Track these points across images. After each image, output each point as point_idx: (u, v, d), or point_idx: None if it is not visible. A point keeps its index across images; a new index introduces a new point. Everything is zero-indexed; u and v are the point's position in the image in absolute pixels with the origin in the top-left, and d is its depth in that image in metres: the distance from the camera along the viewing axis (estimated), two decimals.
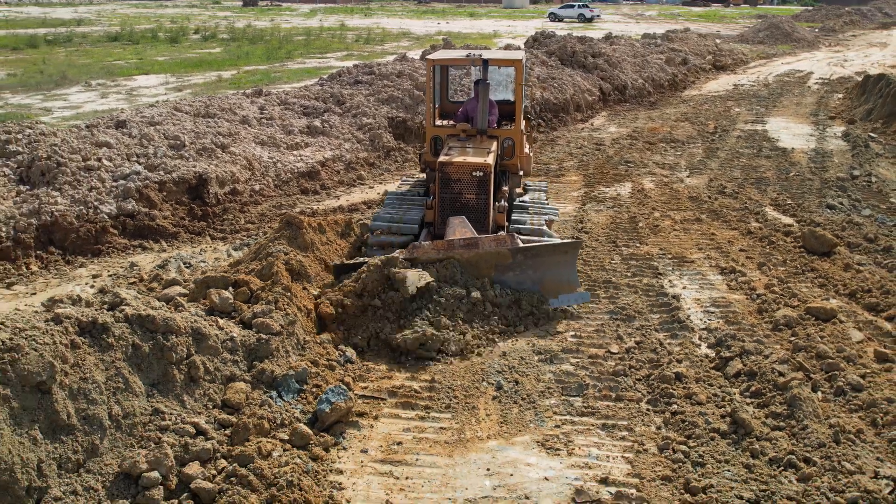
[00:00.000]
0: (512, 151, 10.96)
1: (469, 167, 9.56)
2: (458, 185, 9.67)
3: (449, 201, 9.73)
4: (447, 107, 12.55)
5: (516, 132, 10.96)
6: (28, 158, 11.66)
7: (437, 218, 9.84)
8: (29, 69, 31.32)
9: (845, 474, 5.86)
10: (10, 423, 5.09)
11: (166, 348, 6.06)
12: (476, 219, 9.59)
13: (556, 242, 9.08)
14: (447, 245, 8.63)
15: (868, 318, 8.82)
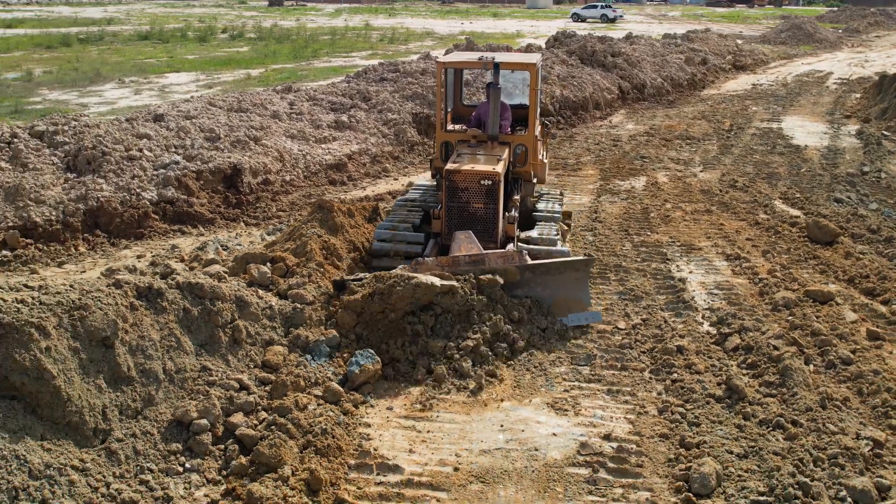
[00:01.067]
0: (525, 158, 10.60)
1: (477, 175, 9.17)
2: (466, 194, 9.28)
3: (456, 211, 9.37)
4: (461, 110, 12.24)
5: (529, 138, 10.60)
6: (75, 148, 12.42)
7: (445, 228, 9.50)
8: (64, 67, 32.25)
9: (829, 434, 6.41)
10: (80, 372, 5.79)
11: (213, 313, 6.76)
12: (484, 229, 9.30)
13: (567, 260, 8.81)
14: (452, 261, 8.32)
15: (864, 302, 9.36)
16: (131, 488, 5.55)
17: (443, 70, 10.53)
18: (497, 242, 9.42)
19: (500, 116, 10.38)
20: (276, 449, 5.82)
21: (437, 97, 10.78)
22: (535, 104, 10.69)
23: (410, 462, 6.08)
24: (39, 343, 5.53)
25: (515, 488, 5.84)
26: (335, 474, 5.80)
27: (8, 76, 29.45)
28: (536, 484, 5.89)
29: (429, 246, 9.48)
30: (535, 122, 10.76)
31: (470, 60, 10.59)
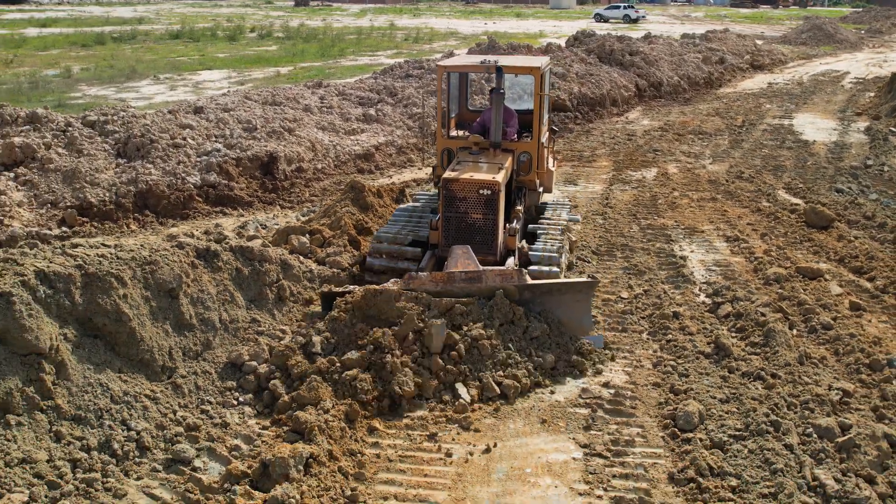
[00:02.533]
0: (529, 166, 10.18)
1: (476, 184, 8.74)
2: (464, 204, 8.83)
3: (454, 221, 8.91)
4: (466, 115, 11.87)
5: (533, 146, 10.14)
6: (124, 136, 13.46)
7: (442, 239, 9.02)
8: (100, 64, 33.47)
9: (803, 385, 7.26)
10: (150, 318, 6.77)
11: (261, 273, 7.73)
12: (483, 241, 8.88)
13: (570, 281, 8.49)
14: (447, 278, 7.90)
15: (851, 279, 10.17)
16: (194, 416, 6.52)
17: (445, 74, 10.14)
18: (496, 255, 8.97)
19: (506, 123, 10.10)
20: (314, 391, 6.74)
21: (437, 103, 10.43)
22: (541, 110, 10.11)
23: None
24: (118, 291, 6.52)
25: (524, 422, 6.74)
26: (366, 409, 6.73)
27: (48, 73, 30.68)
28: (541, 419, 6.79)
29: (425, 258, 9.09)
30: (540, 129, 10.18)
31: (472, 64, 10.18)
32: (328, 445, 6.04)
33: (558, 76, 22.47)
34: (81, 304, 6.34)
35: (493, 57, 10.35)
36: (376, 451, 6.30)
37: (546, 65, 10.49)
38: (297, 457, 5.70)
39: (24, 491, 5.34)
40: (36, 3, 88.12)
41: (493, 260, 8.87)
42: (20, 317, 5.83)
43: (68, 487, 5.52)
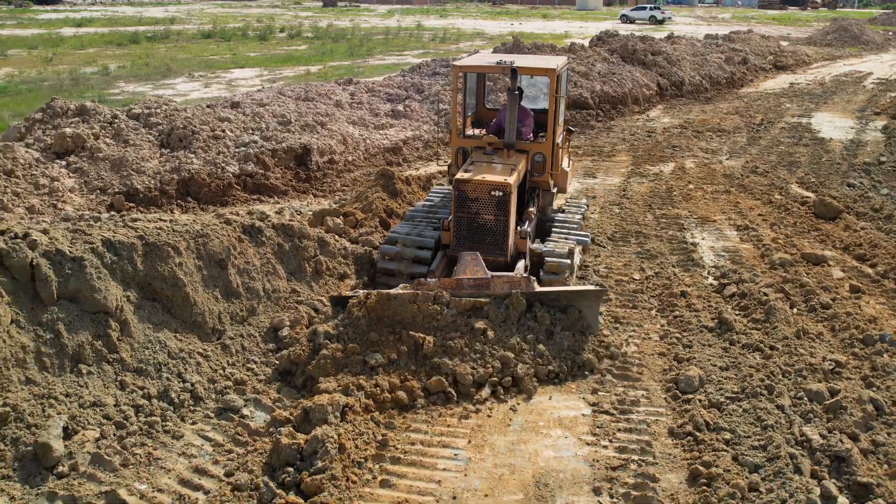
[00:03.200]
0: (543, 167, 10.20)
1: (487, 186, 8.77)
2: (476, 205, 8.88)
3: (465, 222, 8.98)
4: (484, 114, 11.97)
5: (548, 147, 10.16)
6: (167, 128, 14.27)
7: (453, 240, 9.12)
8: (136, 62, 34.49)
9: (799, 356, 7.86)
10: (202, 284, 7.51)
11: (300, 248, 8.46)
12: (494, 242, 8.96)
13: (578, 289, 8.50)
14: (455, 284, 7.98)
15: (854, 265, 10.72)
16: (241, 372, 7.26)
17: (461, 75, 10.26)
18: (507, 257, 9.03)
19: (521, 122, 10.16)
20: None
21: (452, 102, 10.44)
22: (556, 111, 10.17)
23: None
24: (174, 259, 7.27)
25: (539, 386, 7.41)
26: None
27: (87, 71, 31.71)
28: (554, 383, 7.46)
29: (437, 259, 9.16)
30: (555, 130, 10.21)
31: (488, 65, 10.09)
32: (365, 400, 6.74)
33: (581, 75, 23.06)
34: (142, 270, 7.10)
35: (508, 57, 10.35)
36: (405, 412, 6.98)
37: (562, 66, 10.42)
38: (335, 405, 6.40)
39: (95, 429, 6.10)
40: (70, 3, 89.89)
41: (503, 261, 8.94)
42: (91, 279, 6.59)
43: (133, 428, 6.27)
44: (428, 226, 9.74)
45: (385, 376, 7.12)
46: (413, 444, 6.44)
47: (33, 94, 25.35)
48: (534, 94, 12.72)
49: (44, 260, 6.47)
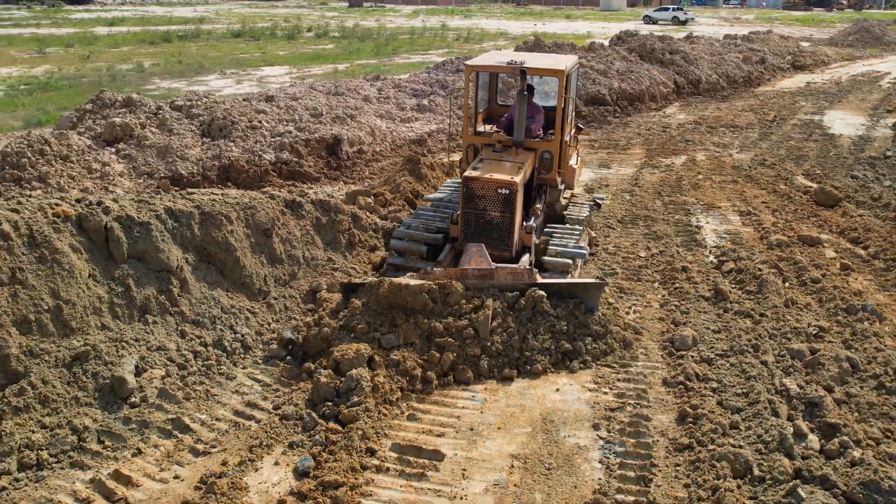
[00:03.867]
0: (550, 165, 10.46)
1: (494, 184, 9.10)
2: (483, 202, 9.22)
3: (473, 218, 9.33)
4: (496, 110, 12.32)
5: (556, 145, 10.40)
6: (208, 119, 15.29)
7: (461, 234, 9.48)
8: (169, 60, 35.66)
9: (786, 322, 8.67)
10: (250, 250, 8.47)
11: (336, 222, 9.40)
12: (500, 238, 9.29)
13: (579, 282, 8.73)
14: (460, 274, 8.27)
15: (847, 247, 11.50)
16: (283, 328, 8.20)
17: (472, 73, 10.55)
18: (512, 252, 9.35)
19: (532, 119, 10.52)
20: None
21: (464, 100, 10.68)
22: (564, 111, 10.32)
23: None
24: (226, 226, 8.23)
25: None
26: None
27: (122, 68, 32.91)
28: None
29: (444, 251, 9.55)
30: (563, 129, 10.41)
31: (498, 65, 10.31)
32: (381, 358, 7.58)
33: (600, 72, 23.87)
34: (199, 235, 8.07)
35: (519, 57, 10.54)
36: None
37: (571, 66, 10.66)
38: (361, 355, 7.30)
39: (161, 369, 7.07)
40: (100, 2, 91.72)
41: (508, 256, 9.26)
42: (156, 241, 7.57)
43: (193, 369, 7.23)
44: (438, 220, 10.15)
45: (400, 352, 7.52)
46: (436, 388, 7.35)
47: (74, 89, 26.54)
48: (547, 90, 13.00)
49: (116, 224, 7.45)
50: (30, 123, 19.67)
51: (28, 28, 53.42)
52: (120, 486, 5.84)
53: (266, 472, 6.10)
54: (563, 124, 10.34)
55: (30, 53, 37.86)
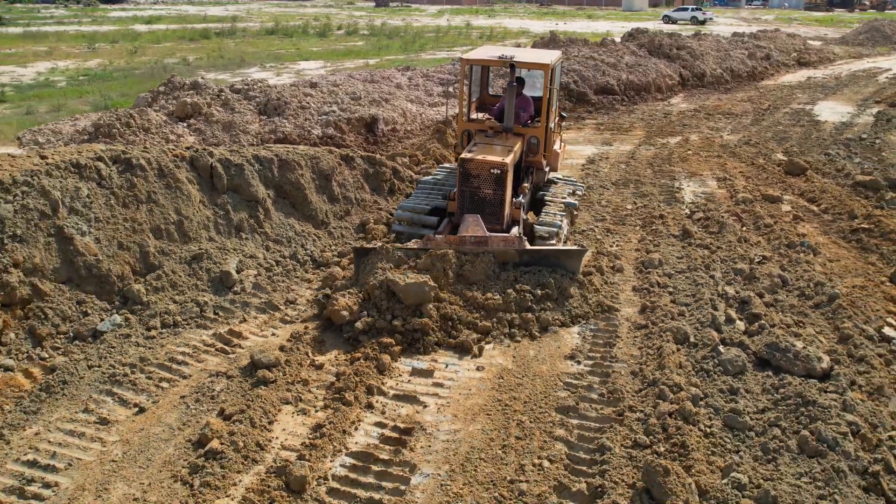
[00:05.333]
0: (537, 149, 11.51)
1: (488, 165, 10.00)
2: (477, 181, 10.11)
3: (468, 195, 10.22)
4: (487, 99, 13.38)
5: (541, 131, 11.43)
6: (264, 100, 17.77)
7: (458, 209, 10.37)
8: (210, 54, 38.25)
9: (736, 252, 10.95)
10: (315, 190, 10.91)
11: (380, 173, 11.82)
12: (492, 213, 10.17)
13: (561, 248, 9.86)
14: (459, 240, 9.30)
15: (804, 204, 13.73)
16: (340, 248, 10.61)
17: (467, 66, 11.53)
18: (503, 225, 10.28)
19: (522, 108, 11.60)
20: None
21: (460, 91, 11.70)
22: (549, 100, 11.28)
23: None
24: (297, 171, 10.66)
25: None
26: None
27: (169, 61, 35.51)
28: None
29: (443, 224, 10.60)
30: (548, 117, 11.41)
31: (491, 59, 11.28)
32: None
33: (610, 65, 26.14)
34: (277, 176, 10.51)
35: (510, 52, 11.52)
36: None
37: (556, 60, 11.75)
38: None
39: (254, 270, 9.50)
40: (134, 1, 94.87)
41: (499, 228, 10.24)
42: (248, 177, 10.02)
43: (276, 272, 9.68)
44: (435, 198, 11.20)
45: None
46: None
47: (129, 79, 29.16)
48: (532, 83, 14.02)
49: (218, 164, 9.91)
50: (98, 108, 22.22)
51: (71, 26, 56.37)
52: (234, 338, 8.29)
53: (334, 333, 8.51)
54: (548, 112, 11.38)
55: (80, 48, 40.63)
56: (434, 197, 11.23)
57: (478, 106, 12.90)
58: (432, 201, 11.08)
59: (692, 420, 7.12)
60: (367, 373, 7.53)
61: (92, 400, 7.10)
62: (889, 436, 7.18)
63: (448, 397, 7.49)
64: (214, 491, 5.97)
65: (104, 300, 8.40)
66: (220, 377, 7.52)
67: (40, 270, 8.01)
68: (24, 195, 8.25)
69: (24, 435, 6.60)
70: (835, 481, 6.47)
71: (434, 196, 11.26)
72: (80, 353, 7.76)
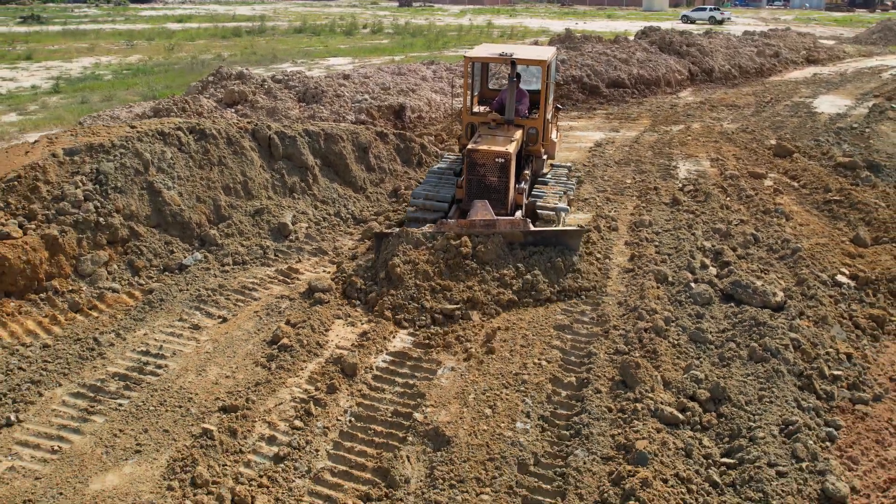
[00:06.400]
0: (536, 139, 12.23)
1: (492, 154, 10.72)
2: (483, 169, 10.81)
3: (475, 182, 10.92)
4: (487, 93, 14.15)
5: (540, 122, 12.19)
6: (302, 89, 19.66)
7: (465, 196, 11.10)
8: (243, 51, 40.25)
9: (717, 217, 12.64)
10: (355, 161, 12.75)
11: (410, 147, 13.67)
12: (497, 198, 10.85)
13: (563, 229, 10.69)
14: (469, 224, 10.05)
15: (786, 181, 15.38)
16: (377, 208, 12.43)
17: (469, 63, 12.29)
18: (507, 209, 10.98)
19: (519, 102, 12.27)
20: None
21: (463, 86, 12.40)
22: (546, 94, 12.12)
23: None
24: (340, 143, 12.51)
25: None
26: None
27: (204, 57, 37.53)
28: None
29: (452, 209, 11.28)
30: (546, 109, 12.23)
31: (492, 56, 12.03)
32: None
33: (621, 61, 27.82)
34: (323, 148, 12.37)
35: (509, 49, 12.27)
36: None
37: (551, 57, 12.58)
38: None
39: (305, 223, 11.35)
40: (163, 1, 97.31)
41: (504, 212, 10.93)
42: (300, 146, 11.88)
43: (324, 226, 11.54)
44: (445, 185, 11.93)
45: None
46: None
47: (169, 73, 31.18)
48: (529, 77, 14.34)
49: (275, 136, 11.78)
50: (146, 97, 24.22)
51: (106, 24, 58.71)
52: (292, 273, 10.15)
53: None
54: (545, 105, 12.19)
55: (119, 45, 42.81)
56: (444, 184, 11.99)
57: (479, 100, 13.71)
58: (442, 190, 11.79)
59: (663, 334, 8.89)
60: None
61: (185, 313, 8.98)
62: (826, 352, 8.91)
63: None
64: (287, 372, 7.81)
65: (186, 242, 10.29)
66: (284, 299, 9.38)
67: (136, 216, 9.91)
68: (122, 156, 10.15)
69: (136, 335, 8.48)
70: (774, 379, 8.21)
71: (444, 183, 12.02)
72: (170, 280, 9.66)
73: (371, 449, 7.01)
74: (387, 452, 6.90)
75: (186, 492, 6.16)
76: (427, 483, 6.66)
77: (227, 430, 6.85)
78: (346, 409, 7.46)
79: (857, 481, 7.08)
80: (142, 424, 6.96)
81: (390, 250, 9.91)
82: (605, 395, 7.85)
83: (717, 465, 7.14)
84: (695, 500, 6.63)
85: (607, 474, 6.80)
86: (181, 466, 6.39)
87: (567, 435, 7.33)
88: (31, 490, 6.07)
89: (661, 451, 7.03)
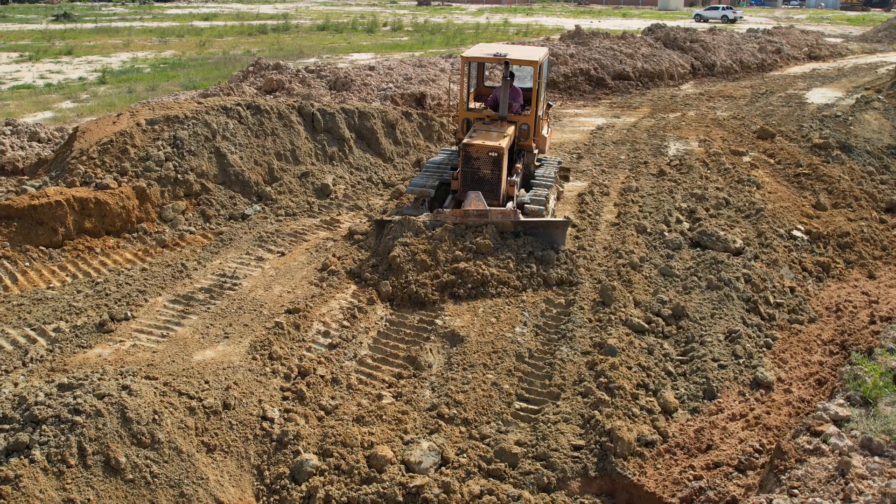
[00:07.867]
0: (528, 134, 12.73)
1: (486, 149, 11.27)
2: (477, 163, 11.35)
3: (470, 175, 11.49)
4: (482, 90, 14.76)
5: (531, 119, 12.69)
6: (333, 78, 21.79)
7: (460, 187, 11.67)
8: (270, 47, 42.39)
9: (697, 185, 14.62)
10: (384, 135, 14.86)
11: (431, 125, 15.82)
12: (490, 190, 11.41)
13: (550, 220, 11.36)
14: (463, 213, 10.73)
15: (764, 159, 17.32)
16: (403, 175, 14.51)
17: (466, 63, 12.82)
18: (500, 200, 11.58)
19: (514, 99, 12.89)
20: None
21: (460, 84, 12.93)
22: (538, 92, 12.57)
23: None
24: (372, 120, 14.63)
25: None
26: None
27: (235, 53, 39.70)
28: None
29: (448, 200, 11.90)
30: (537, 106, 12.66)
31: (487, 56, 12.60)
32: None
33: (627, 55, 29.78)
34: (357, 123, 14.50)
35: (503, 50, 12.77)
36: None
37: (543, 57, 12.93)
38: None
39: (343, 185, 13.46)
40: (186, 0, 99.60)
41: (497, 203, 11.56)
42: (338, 122, 13.99)
43: (358, 188, 13.64)
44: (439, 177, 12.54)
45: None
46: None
47: (204, 67, 33.35)
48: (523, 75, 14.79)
49: (317, 112, 13.91)
50: (186, 87, 26.38)
51: (135, 22, 61.07)
52: (334, 222, 12.26)
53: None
54: (536, 102, 12.69)
55: (152, 41, 45.10)
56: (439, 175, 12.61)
57: (474, 97, 14.25)
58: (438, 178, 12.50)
59: (638, 269, 10.94)
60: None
61: (250, 249, 11.13)
62: (773, 285, 10.92)
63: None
64: (335, 289, 9.93)
65: (246, 197, 12.45)
66: (328, 241, 11.49)
67: (206, 174, 12.06)
68: (194, 125, 12.31)
69: (212, 263, 10.64)
70: (725, 302, 10.25)
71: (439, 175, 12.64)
72: (236, 225, 11.81)
73: (402, 344, 9.11)
74: (414, 347, 9.00)
75: (265, 362, 8.28)
76: (445, 367, 8.75)
77: (292, 324, 8.97)
78: (382, 317, 9.56)
79: (784, 374, 9.10)
80: (227, 321, 9.10)
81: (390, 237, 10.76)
82: (588, 311, 9.91)
83: (673, 360, 9.19)
84: (652, 382, 8.66)
85: (585, 363, 8.85)
86: (260, 346, 8.52)
87: (555, 337, 9.39)
88: (151, 359, 8.20)
89: (628, 347, 9.09)
